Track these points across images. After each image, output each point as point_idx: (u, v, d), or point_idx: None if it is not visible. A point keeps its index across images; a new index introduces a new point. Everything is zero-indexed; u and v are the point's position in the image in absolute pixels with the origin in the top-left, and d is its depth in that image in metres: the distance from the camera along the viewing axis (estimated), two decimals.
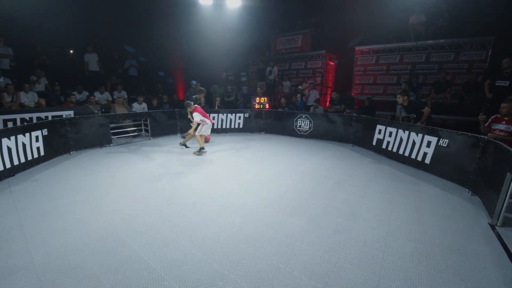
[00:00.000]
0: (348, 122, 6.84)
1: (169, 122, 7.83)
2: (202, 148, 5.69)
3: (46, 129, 4.97)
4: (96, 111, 6.76)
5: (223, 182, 4.07)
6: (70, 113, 6.17)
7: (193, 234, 2.58)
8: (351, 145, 6.74)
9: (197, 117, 5.57)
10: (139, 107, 7.65)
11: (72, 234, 2.56)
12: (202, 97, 7.09)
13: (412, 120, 5.44)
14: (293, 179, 4.24)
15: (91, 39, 9.02)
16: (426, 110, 5.17)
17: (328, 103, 9.10)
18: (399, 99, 5.48)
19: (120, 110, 7.30)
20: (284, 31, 11.58)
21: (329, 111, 7.80)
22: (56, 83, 7.46)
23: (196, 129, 5.68)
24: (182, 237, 2.53)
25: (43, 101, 6.42)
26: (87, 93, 7.67)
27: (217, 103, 8.66)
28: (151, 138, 7.30)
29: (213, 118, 8.14)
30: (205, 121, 5.64)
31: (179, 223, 2.79)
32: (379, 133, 5.81)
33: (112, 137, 6.56)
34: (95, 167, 4.75)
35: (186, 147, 6.20)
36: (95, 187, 3.81)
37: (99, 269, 2.06)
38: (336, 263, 2.18)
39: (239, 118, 8.38)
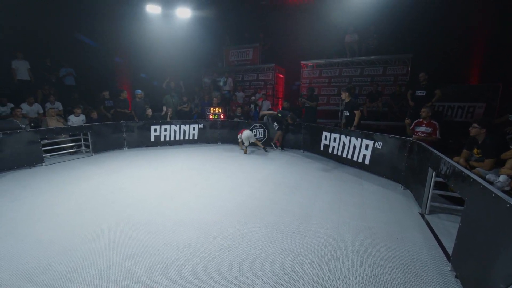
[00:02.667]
0: (298, 129, 7.28)
1: (114, 135, 7.17)
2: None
3: None
4: (23, 126, 5.82)
5: (179, 197, 3.88)
6: None
7: (146, 258, 2.37)
8: (302, 151, 7.16)
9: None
10: (77, 119, 6.82)
11: None
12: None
13: (344, 118, 5.93)
14: (251, 187, 4.28)
15: (20, 40, 7.80)
16: (358, 113, 5.64)
17: None
18: (343, 95, 5.91)
19: (53, 123, 6.42)
20: (236, 43, 11.89)
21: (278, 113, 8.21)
22: None
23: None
24: (133, 263, 2.30)
25: None
26: (12, 105, 6.56)
27: (169, 113, 8.32)
28: (93, 154, 6.58)
29: (165, 129, 7.79)
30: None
31: (129, 248, 2.53)
32: (325, 139, 6.31)
33: (44, 155, 5.69)
34: (22, 191, 4.04)
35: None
36: (22, 215, 3.22)
37: None
38: (294, 266, 2.25)
39: (194, 129, 8.17)
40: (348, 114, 5.84)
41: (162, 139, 7.81)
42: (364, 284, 2.06)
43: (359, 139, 5.30)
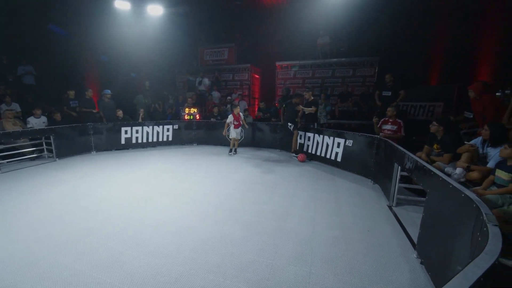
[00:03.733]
0: (274, 129, 7.38)
1: (81, 138, 6.71)
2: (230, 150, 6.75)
3: None
4: None
5: (154, 201, 3.74)
6: None
7: (119, 267, 2.26)
8: (279, 150, 7.26)
9: (229, 119, 6.62)
10: (37, 121, 6.28)
11: None
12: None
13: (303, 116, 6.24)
14: (229, 188, 4.26)
15: None
16: (313, 108, 6.01)
17: (256, 112, 9.64)
18: (306, 95, 6.21)
19: (10, 126, 5.87)
20: (211, 43, 11.75)
21: (257, 115, 8.29)
22: None
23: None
24: (105, 273, 2.19)
25: None
26: None
27: (141, 114, 8.00)
28: (57, 159, 6.11)
29: (137, 131, 7.47)
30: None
31: (101, 257, 2.40)
32: (300, 138, 6.47)
33: (0, 162, 5.20)
34: None
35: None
36: None
37: None
38: (273, 265, 2.29)
39: (168, 130, 7.93)
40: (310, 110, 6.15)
41: (134, 141, 7.48)
42: (339, 276, 2.15)
43: (332, 138, 5.51)
